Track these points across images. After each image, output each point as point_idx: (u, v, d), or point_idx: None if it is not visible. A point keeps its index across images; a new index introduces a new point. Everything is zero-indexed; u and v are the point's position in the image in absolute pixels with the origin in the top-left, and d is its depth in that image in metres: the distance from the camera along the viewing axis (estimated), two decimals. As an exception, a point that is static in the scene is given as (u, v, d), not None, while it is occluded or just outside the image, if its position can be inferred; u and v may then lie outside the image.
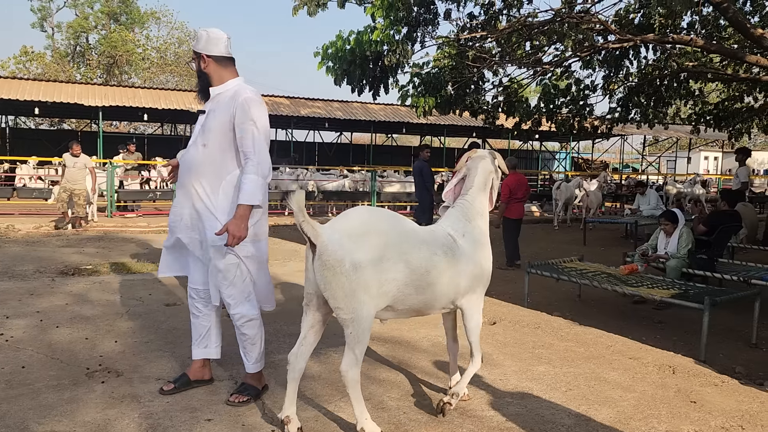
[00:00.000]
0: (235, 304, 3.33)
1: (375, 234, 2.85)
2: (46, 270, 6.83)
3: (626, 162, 34.24)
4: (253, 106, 3.19)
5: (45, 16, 35.04)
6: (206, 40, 3.31)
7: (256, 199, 3.14)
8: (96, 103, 19.13)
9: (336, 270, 2.74)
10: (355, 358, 2.81)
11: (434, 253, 2.99)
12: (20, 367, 3.77)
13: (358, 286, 2.76)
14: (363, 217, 2.97)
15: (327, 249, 2.75)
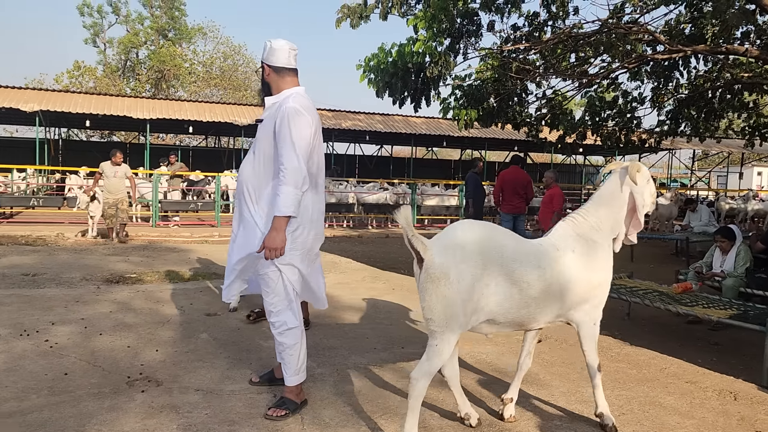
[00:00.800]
0: (276, 312, 3.32)
1: (478, 248, 2.85)
2: (92, 278, 6.94)
3: (674, 177, 33.25)
4: (292, 116, 3.16)
5: (97, 32, 36.30)
6: (268, 51, 3.36)
7: (290, 209, 3.10)
8: (144, 115, 19.63)
9: (440, 283, 2.77)
10: (429, 369, 2.81)
11: (538, 266, 2.93)
12: (63, 373, 3.79)
13: (457, 302, 2.77)
14: (467, 231, 2.94)
15: (434, 263, 2.79)
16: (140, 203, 14.80)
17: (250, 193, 3.34)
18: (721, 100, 11.59)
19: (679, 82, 11.45)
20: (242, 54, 39.19)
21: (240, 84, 37.67)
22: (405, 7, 10.06)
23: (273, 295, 3.30)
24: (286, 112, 3.18)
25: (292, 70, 3.39)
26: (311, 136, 3.24)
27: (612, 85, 12.08)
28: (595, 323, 3.18)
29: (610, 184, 3.24)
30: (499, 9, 10.12)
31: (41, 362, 3.99)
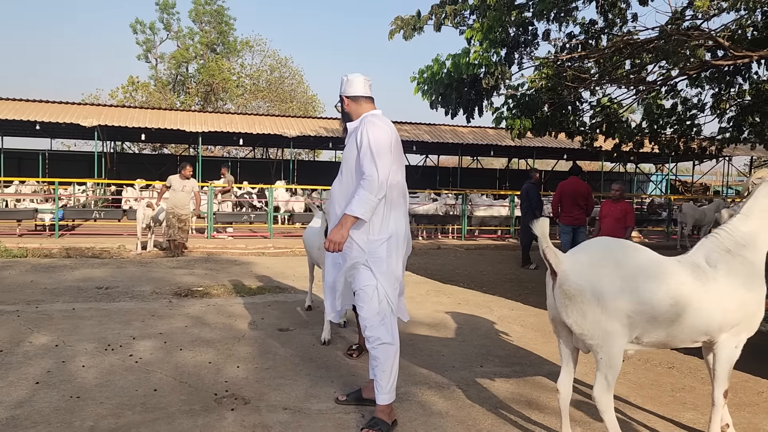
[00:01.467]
0: (370, 326, 3.35)
1: (616, 265, 2.85)
2: (162, 291, 7.08)
3: (730, 184, 32.16)
4: (368, 127, 3.33)
5: (149, 48, 37.40)
6: (345, 84, 3.57)
7: (360, 211, 3.20)
8: (196, 128, 20.08)
9: (576, 299, 2.82)
10: (606, 383, 2.85)
11: (681, 283, 2.87)
12: (152, 390, 3.85)
13: (602, 315, 2.79)
14: (604, 248, 2.97)
15: (568, 278, 2.84)
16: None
17: (338, 211, 3.44)
18: (790, 107, 11.16)
19: (741, 88, 11.10)
20: (288, 66, 39.78)
21: (286, 96, 38.21)
22: (458, 18, 10.04)
23: (367, 310, 3.34)
24: (363, 126, 3.38)
25: (368, 98, 3.58)
26: (390, 145, 3.34)
27: (671, 92, 11.79)
28: (737, 346, 3.04)
29: (761, 194, 3.06)
30: (558, 18, 10.01)
31: (130, 377, 4.07)
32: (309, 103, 39.11)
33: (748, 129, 12.06)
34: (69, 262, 9.19)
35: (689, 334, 2.95)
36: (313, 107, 38.75)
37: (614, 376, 2.88)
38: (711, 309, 2.90)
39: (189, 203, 10.80)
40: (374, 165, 3.22)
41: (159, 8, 36.43)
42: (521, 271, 10.06)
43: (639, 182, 33.52)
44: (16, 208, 14.82)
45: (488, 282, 8.75)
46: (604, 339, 2.83)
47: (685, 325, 2.89)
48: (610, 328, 2.82)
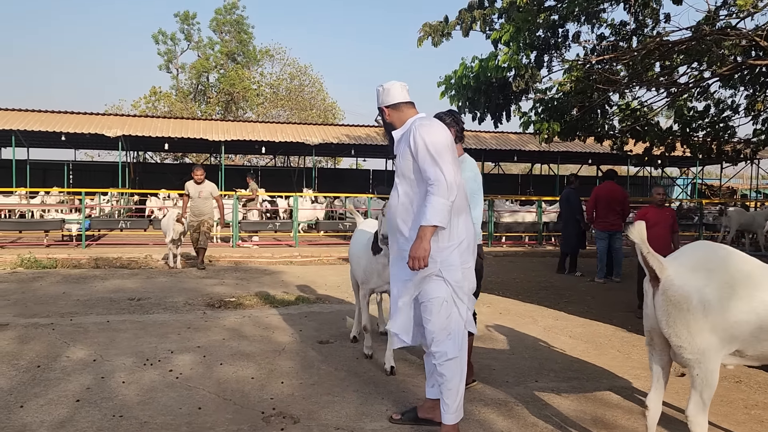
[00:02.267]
0: (436, 340, 3.17)
1: (723, 271, 2.69)
2: (194, 302, 6.95)
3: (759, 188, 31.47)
4: (421, 130, 3.13)
5: (171, 58, 37.69)
6: (382, 94, 3.39)
7: (437, 219, 2.99)
8: (219, 137, 20.08)
9: (682, 306, 2.66)
10: (702, 402, 2.70)
11: None
12: (197, 408, 3.69)
13: (706, 325, 2.62)
14: (709, 252, 2.83)
15: (673, 284, 2.69)
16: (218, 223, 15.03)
17: (399, 224, 3.26)
18: (828, 107, 10.82)
19: (777, 89, 10.77)
20: (308, 74, 39.84)
21: (306, 104, 38.24)
22: (487, 22, 9.86)
23: (434, 323, 3.15)
24: (416, 129, 3.15)
25: (408, 103, 3.39)
26: (449, 144, 3.16)
27: (703, 94, 11.50)
28: None
29: None
30: (589, 18, 9.79)
31: (172, 394, 3.91)
32: (329, 110, 39.10)
33: (785, 131, 11.72)
34: (99, 273, 9.11)
35: None
36: (333, 114, 38.74)
37: (710, 394, 2.70)
38: None
39: (207, 210, 9.85)
40: (438, 167, 3.02)
41: (179, 19, 36.76)
42: (555, 278, 9.80)
43: (665, 186, 32.92)
44: (43, 218, 14.86)
45: (524, 290, 8.51)
46: (703, 353, 2.65)
47: None
48: (712, 341, 2.64)
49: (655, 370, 2.96)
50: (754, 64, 9.51)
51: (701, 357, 2.67)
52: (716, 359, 2.68)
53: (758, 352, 2.73)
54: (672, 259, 2.82)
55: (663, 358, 2.93)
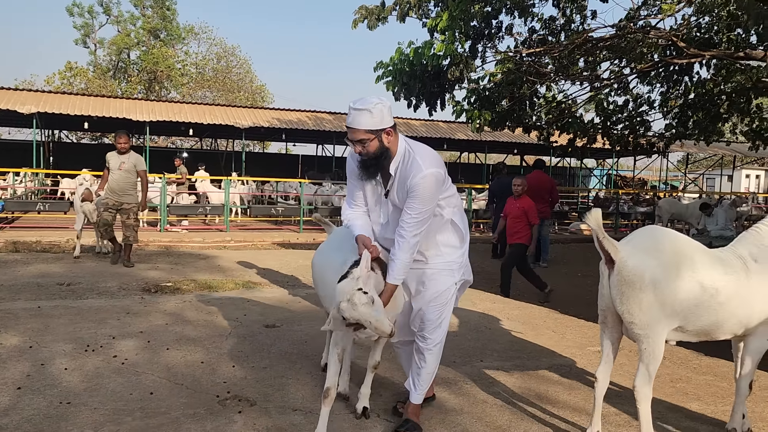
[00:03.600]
0: (432, 328, 3.24)
1: (670, 253, 2.92)
2: (129, 287, 6.73)
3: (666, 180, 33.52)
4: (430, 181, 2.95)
5: (88, 32, 35.73)
6: (385, 112, 2.91)
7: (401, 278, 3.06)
8: (144, 118, 19.29)
9: (635, 285, 2.86)
10: (648, 374, 2.91)
11: (725, 273, 2.96)
12: (148, 393, 3.62)
13: (655, 302, 2.86)
14: (657, 235, 3.05)
15: (626, 264, 2.88)
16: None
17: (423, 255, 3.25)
18: (730, 105, 11.69)
19: (687, 87, 11.52)
20: (236, 55, 38.84)
21: (234, 86, 37.30)
22: (423, 9, 10.00)
23: (440, 309, 3.24)
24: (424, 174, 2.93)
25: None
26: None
27: (623, 89, 12.14)
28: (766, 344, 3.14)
29: None
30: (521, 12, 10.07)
31: (120, 380, 3.81)
32: (258, 93, 38.32)
33: (692, 126, 12.57)
34: (20, 257, 8.63)
35: (731, 324, 3.03)
36: (262, 97, 37.99)
37: (656, 367, 2.94)
38: (753, 300, 2.99)
39: (131, 188, 8.25)
40: (418, 227, 2.99)
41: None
42: (488, 264, 10.13)
43: (582, 177, 34.50)
44: (-50, 199, 13.84)
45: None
46: (652, 328, 2.88)
47: (728, 314, 2.97)
48: (660, 316, 2.88)
49: (606, 346, 3.16)
50: (671, 63, 10.13)
51: (650, 332, 2.88)
52: (662, 334, 2.92)
53: (697, 328, 2.99)
54: (625, 243, 3.03)
55: (614, 335, 3.15)
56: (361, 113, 2.87)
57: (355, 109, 2.88)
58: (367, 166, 3.00)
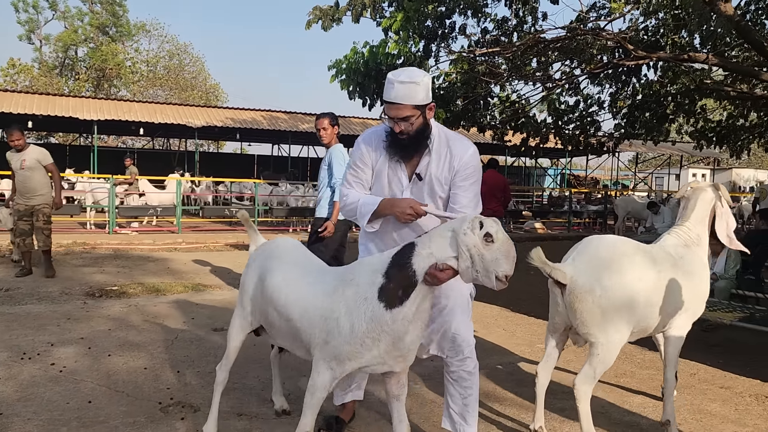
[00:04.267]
0: (470, 343, 2.83)
1: (615, 260, 3.01)
2: (72, 292, 6.50)
3: (617, 179, 34.44)
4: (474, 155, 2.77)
5: (33, 28, 34.48)
6: (423, 89, 2.58)
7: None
8: (91, 116, 18.73)
9: (587, 300, 2.93)
10: (593, 374, 2.98)
11: (660, 271, 3.09)
12: (86, 401, 3.49)
13: (608, 311, 2.94)
14: (599, 247, 3.10)
15: (576, 284, 2.95)
16: (94, 209, 14.08)
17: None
18: (679, 105, 12.06)
19: (635, 88, 11.85)
20: (188, 53, 38.09)
21: (186, 84, 36.58)
22: (377, 9, 10.00)
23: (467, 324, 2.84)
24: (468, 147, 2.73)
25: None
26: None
27: (574, 89, 12.39)
28: (687, 329, 3.33)
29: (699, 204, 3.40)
30: (474, 12, 10.17)
31: (57, 389, 3.67)
32: (211, 91, 37.68)
33: (640, 126, 12.92)
34: (-45, 262, 8.26)
35: (664, 319, 3.17)
36: (216, 96, 37.39)
37: (603, 370, 3.01)
38: (679, 295, 3.14)
39: (41, 188, 7.28)
40: (477, 207, 2.71)
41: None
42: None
43: (537, 176, 35.12)
44: None
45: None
46: (608, 336, 2.96)
47: (663, 311, 3.11)
48: (620, 325, 2.97)
49: (550, 349, 3.27)
50: (619, 64, 10.37)
51: (606, 341, 2.96)
52: (620, 343, 3.00)
53: (641, 327, 3.12)
54: (569, 262, 3.08)
55: (561, 341, 3.28)
56: (408, 87, 2.54)
57: (402, 82, 2.54)
58: (404, 146, 2.66)
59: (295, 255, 2.85)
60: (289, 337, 2.68)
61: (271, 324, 2.79)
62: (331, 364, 2.41)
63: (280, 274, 2.73)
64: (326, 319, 2.41)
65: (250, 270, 2.96)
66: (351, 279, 2.43)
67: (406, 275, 2.28)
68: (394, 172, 2.76)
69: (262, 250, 3.02)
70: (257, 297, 2.86)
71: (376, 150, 2.79)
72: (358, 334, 2.32)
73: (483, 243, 2.21)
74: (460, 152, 2.70)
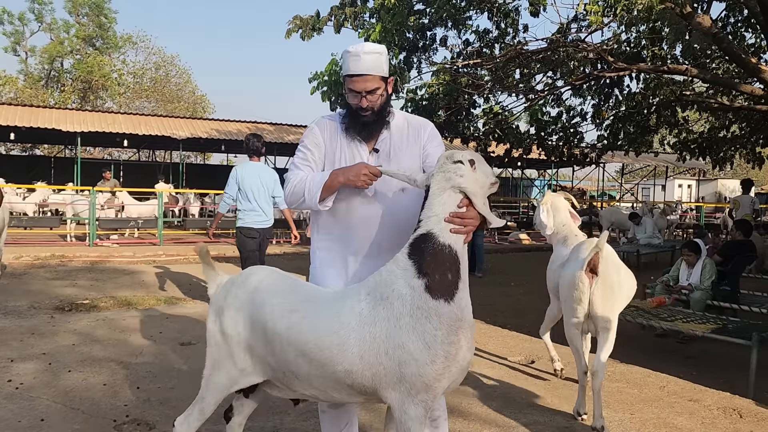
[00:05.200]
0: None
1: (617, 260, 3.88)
2: (41, 305, 6.39)
3: (604, 190, 34.62)
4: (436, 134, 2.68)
5: (18, 40, 34.33)
6: (383, 61, 2.48)
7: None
8: (74, 128, 18.59)
9: (615, 289, 3.67)
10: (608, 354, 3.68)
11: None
12: (39, 420, 3.41)
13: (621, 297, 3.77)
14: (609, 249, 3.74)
15: (608, 272, 3.65)
16: (74, 221, 13.93)
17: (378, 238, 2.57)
18: (660, 117, 12.13)
19: (618, 99, 11.91)
20: (175, 65, 38.02)
21: (173, 95, 36.48)
22: (358, 20, 10.02)
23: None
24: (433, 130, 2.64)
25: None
26: None
27: (556, 101, 12.44)
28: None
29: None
30: (456, 24, 10.22)
31: (10, 407, 3.57)
32: (198, 103, 37.59)
33: (623, 137, 12.98)
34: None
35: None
36: (203, 108, 37.30)
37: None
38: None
39: None
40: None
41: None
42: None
43: (524, 187, 35.25)
44: None
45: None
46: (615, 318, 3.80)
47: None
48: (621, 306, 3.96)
49: (579, 343, 3.87)
50: (600, 76, 10.43)
51: (614, 321, 3.68)
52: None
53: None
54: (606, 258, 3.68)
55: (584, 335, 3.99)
56: (374, 57, 2.44)
57: (367, 53, 2.43)
58: (366, 123, 2.50)
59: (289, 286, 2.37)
60: (327, 385, 2.19)
61: (294, 374, 2.23)
62: (419, 396, 2.03)
63: (297, 315, 2.21)
64: (390, 352, 2.03)
65: (228, 314, 2.36)
66: (386, 296, 2.09)
67: (443, 254, 2.08)
68: (351, 151, 2.56)
69: (239, 288, 2.41)
70: (257, 346, 2.30)
71: (330, 133, 2.61)
72: (436, 347, 2.01)
73: (472, 170, 2.13)
74: (423, 123, 2.63)
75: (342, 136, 2.57)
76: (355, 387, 2.11)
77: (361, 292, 2.17)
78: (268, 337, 2.23)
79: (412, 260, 2.09)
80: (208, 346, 2.40)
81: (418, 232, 2.14)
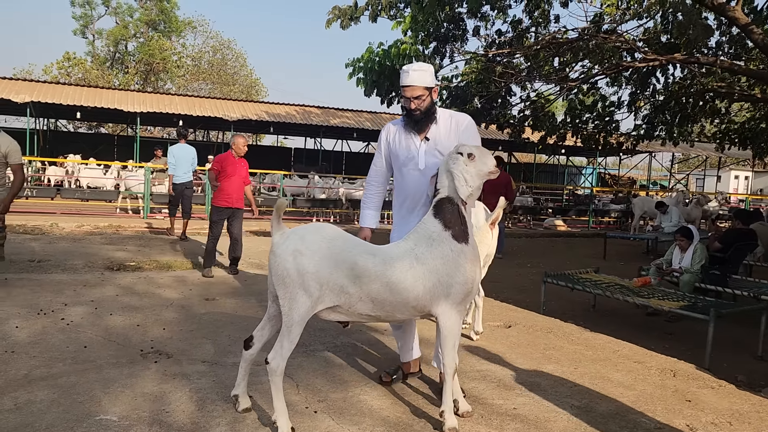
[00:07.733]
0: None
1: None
2: (94, 265, 7.36)
3: (654, 179, 34.08)
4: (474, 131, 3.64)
5: (86, 23, 36.38)
6: (431, 73, 3.52)
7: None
8: (135, 109, 19.90)
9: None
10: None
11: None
12: (83, 346, 4.25)
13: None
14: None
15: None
16: (129, 195, 15.11)
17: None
18: (694, 107, 12.16)
19: (655, 88, 12.00)
20: (231, 49, 39.44)
21: (228, 78, 37.92)
22: (394, 10, 10.55)
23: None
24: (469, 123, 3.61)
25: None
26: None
27: (591, 90, 12.64)
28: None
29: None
30: (484, 17, 10.64)
31: (61, 337, 4.44)
32: (252, 86, 38.97)
33: (660, 126, 13.07)
34: None
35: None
36: (256, 91, 38.65)
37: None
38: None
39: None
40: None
41: (97, -18, 35.52)
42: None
43: (571, 174, 35.05)
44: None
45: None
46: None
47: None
48: None
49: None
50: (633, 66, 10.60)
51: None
52: None
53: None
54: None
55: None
56: (420, 73, 3.49)
57: (415, 70, 3.49)
58: (417, 120, 3.55)
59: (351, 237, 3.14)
60: (397, 308, 3.05)
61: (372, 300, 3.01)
62: (459, 306, 3.11)
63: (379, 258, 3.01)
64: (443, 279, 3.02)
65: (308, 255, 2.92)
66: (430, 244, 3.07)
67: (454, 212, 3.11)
68: (407, 141, 3.65)
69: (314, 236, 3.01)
70: (340, 279, 2.94)
71: (392, 133, 3.74)
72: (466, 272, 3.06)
73: (467, 161, 3.07)
74: (462, 119, 3.63)
75: (402, 131, 3.68)
76: (417, 308, 3.08)
77: (413, 242, 3.13)
78: (356, 272, 2.97)
79: (438, 219, 3.12)
80: (284, 286, 2.93)
81: (438, 197, 3.17)
